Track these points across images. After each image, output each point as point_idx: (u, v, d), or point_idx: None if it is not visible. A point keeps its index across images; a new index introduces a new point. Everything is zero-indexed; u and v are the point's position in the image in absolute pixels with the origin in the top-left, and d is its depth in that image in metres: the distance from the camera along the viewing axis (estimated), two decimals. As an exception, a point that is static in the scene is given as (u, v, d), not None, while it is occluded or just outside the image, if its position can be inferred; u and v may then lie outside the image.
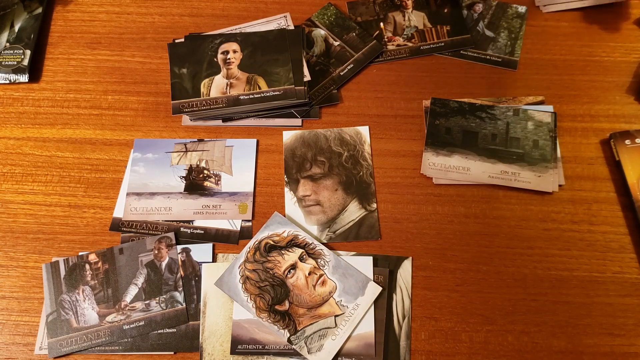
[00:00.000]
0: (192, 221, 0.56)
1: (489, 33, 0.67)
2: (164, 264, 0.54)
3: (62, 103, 0.63)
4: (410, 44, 0.66)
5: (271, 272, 0.52)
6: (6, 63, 0.64)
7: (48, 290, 0.52)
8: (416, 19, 0.68)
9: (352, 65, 0.64)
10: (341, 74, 0.64)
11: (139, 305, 0.52)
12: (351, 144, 0.60)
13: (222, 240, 0.55)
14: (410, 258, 0.54)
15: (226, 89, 0.61)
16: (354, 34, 0.66)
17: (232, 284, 0.52)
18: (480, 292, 0.53)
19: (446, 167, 0.57)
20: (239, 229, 0.56)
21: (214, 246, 0.55)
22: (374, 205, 0.56)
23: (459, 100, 0.61)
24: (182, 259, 0.54)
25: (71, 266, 0.53)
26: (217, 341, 0.50)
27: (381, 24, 0.68)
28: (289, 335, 0.50)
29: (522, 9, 0.68)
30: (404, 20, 0.68)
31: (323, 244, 0.54)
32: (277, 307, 0.51)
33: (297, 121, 0.61)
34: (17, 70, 0.64)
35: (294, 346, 0.49)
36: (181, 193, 0.57)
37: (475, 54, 0.65)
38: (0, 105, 0.63)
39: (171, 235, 0.55)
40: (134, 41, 0.67)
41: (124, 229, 0.56)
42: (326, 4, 0.69)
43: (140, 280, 0.53)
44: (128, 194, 0.57)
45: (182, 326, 0.51)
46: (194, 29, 0.68)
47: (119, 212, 0.56)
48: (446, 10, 0.68)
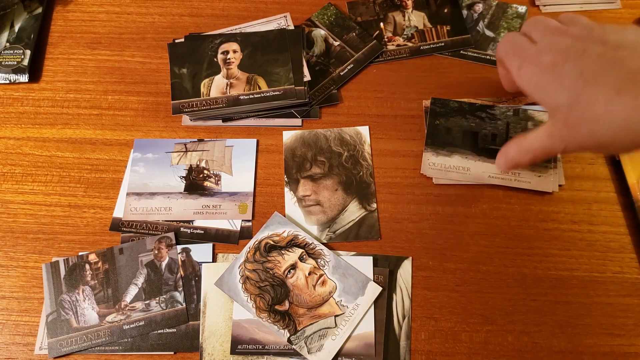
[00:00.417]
0: (192, 221, 0.56)
1: (489, 33, 0.67)
2: (164, 264, 0.54)
3: (62, 103, 0.63)
4: (410, 44, 0.66)
5: (271, 272, 0.52)
6: (6, 63, 0.64)
7: (48, 290, 0.52)
8: (416, 19, 0.68)
9: (352, 65, 0.64)
10: (341, 74, 0.64)
11: (139, 305, 0.52)
12: (351, 144, 0.60)
13: (222, 240, 0.55)
14: (410, 258, 0.54)
15: (226, 89, 0.61)
16: (354, 34, 0.66)
17: (232, 284, 0.52)
18: (480, 292, 0.53)
19: (446, 167, 0.57)
20: (239, 229, 0.56)
21: (214, 246, 0.55)
22: (374, 205, 0.56)
23: (459, 100, 0.61)
24: (182, 259, 0.54)
25: (71, 266, 0.53)
26: (217, 341, 0.50)
27: (381, 24, 0.68)
28: (289, 335, 0.50)
29: (522, 9, 0.68)
30: (404, 20, 0.68)
31: (323, 244, 0.54)
32: (277, 307, 0.51)
33: (297, 121, 0.61)
34: (17, 70, 0.64)
35: (294, 346, 0.49)
36: (181, 193, 0.57)
37: (475, 54, 0.65)
38: (0, 105, 0.63)
39: (171, 235, 0.55)
40: (134, 41, 0.67)
41: (124, 229, 0.56)
42: (326, 4, 0.69)
43: (140, 280, 0.53)
44: (128, 194, 0.57)
45: (182, 326, 0.51)
46: (194, 29, 0.68)
47: (119, 212, 0.56)
48: (446, 10, 0.68)
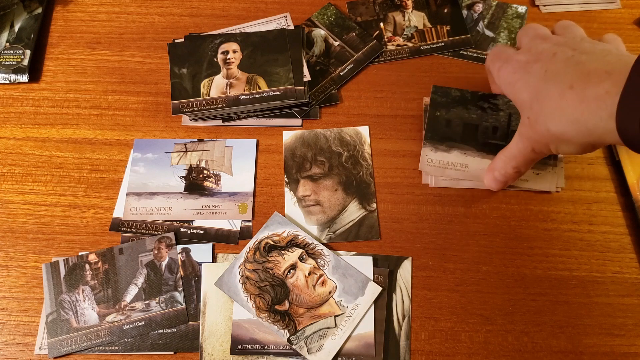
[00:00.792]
0: (192, 221, 0.56)
1: (489, 33, 0.67)
2: (164, 264, 0.54)
3: (62, 103, 0.63)
4: (410, 44, 0.66)
5: (271, 272, 0.52)
6: (6, 63, 0.64)
7: (48, 290, 0.52)
8: (416, 19, 0.68)
9: (352, 65, 0.64)
10: (341, 74, 0.64)
11: (139, 305, 0.52)
12: (351, 144, 0.60)
13: (222, 240, 0.55)
14: (410, 258, 0.54)
15: (226, 89, 0.61)
16: (354, 34, 0.66)
17: (232, 284, 0.52)
18: (480, 292, 0.53)
19: (444, 164, 0.57)
20: (238, 229, 0.56)
21: (214, 246, 0.55)
22: (374, 205, 0.56)
23: (461, 89, 0.59)
24: (182, 259, 0.54)
25: (71, 266, 0.53)
26: (217, 341, 0.50)
27: (381, 24, 0.68)
28: (288, 335, 0.50)
29: (522, 9, 0.68)
30: (404, 20, 0.68)
31: (323, 244, 0.54)
32: (277, 307, 0.51)
33: (297, 121, 0.61)
34: (17, 70, 0.64)
35: (293, 346, 0.49)
36: (181, 193, 0.57)
37: (475, 54, 0.65)
38: (0, 105, 0.63)
39: (171, 235, 0.55)
40: (134, 41, 0.67)
41: (124, 229, 0.56)
42: (326, 4, 0.69)
43: (140, 280, 0.53)
44: (128, 194, 0.57)
45: (182, 326, 0.51)
46: (194, 29, 0.68)
47: (119, 212, 0.56)
48: (446, 10, 0.68)
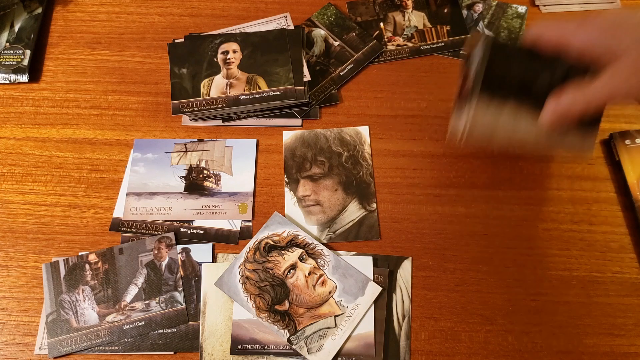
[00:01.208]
0: (192, 221, 0.56)
1: (488, 33, 0.67)
2: (163, 264, 0.54)
3: (62, 103, 0.63)
4: (410, 44, 0.66)
5: (271, 272, 0.52)
6: (6, 63, 0.64)
7: (48, 290, 0.52)
8: (416, 19, 0.68)
9: (352, 65, 0.64)
10: (341, 74, 0.64)
11: (139, 305, 0.52)
12: (351, 144, 0.60)
13: (222, 240, 0.55)
14: (410, 258, 0.54)
15: (226, 89, 0.61)
16: (353, 34, 0.66)
17: (232, 284, 0.52)
18: (480, 292, 0.53)
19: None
20: (238, 229, 0.56)
21: (213, 246, 0.55)
22: (374, 205, 0.56)
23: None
24: (182, 259, 0.54)
25: (71, 266, 0.53)
26: (217, 341, 0.50)
27: (381, 24, 0.68)
28: (288, 335, 0.50)
29: (522, 9, 0.68)
30: (404, 20, 0.68)
31: (323, 244, 0.54)
32: (277, 307, 0.51)
33: (297, 121, 0.61)
34: (17, 70, 0.64)
35: (293, 346, 0.49)
36: (181, 193, 0.57)
37: (475, 54, 0.65)
38: (0, 105, 0.63)
39: (171, 235, 0.55)
40: (134, 41, 0.67)
41: (124, 229, 0.55)
42: (326, 4, 0.69)
43: (140, 280, 0.53)
44: (128, 194, 0.57)
45: (182, 326, 0.51)
46: (194, 29, 0.68)
47: (118, 212, 0.56)
48: (446, 10, 0.68)
